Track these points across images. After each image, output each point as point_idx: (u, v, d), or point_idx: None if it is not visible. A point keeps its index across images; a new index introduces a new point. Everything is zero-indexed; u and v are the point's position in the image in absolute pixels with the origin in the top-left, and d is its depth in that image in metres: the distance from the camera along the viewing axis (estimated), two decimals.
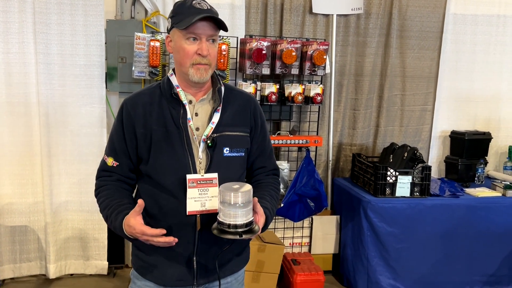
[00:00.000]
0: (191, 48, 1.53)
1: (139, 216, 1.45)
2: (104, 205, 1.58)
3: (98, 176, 1.67)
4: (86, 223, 3.44)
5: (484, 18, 3.85)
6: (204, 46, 1.52)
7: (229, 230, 1.41)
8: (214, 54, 1.57)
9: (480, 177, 3.69)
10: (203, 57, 1.53)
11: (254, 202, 1.48)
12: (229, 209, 1.40)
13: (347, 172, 3.87)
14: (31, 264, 3.44)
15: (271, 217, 1.61)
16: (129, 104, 1.62)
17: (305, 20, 3.57)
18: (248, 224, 1.42)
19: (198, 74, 1.54)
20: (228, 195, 1.39)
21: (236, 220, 1.40)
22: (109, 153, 1.63)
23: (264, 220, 1.53)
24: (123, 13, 3.38)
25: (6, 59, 3.16)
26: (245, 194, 1.41)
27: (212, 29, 1.53)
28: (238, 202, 1.40)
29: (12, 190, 3.31)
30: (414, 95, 3.88)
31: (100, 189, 1.64)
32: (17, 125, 3.25)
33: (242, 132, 1.65)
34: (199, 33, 1.52)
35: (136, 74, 3.20)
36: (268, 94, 3.28)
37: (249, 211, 1.43)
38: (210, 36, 1.54)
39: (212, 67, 1.59)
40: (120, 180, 1.63)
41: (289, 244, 3.70)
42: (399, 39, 3.77)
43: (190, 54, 1.53)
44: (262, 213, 1.52)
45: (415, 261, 3.26)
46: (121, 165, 1.62)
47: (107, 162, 1.63)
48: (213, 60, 1.57)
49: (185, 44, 1.53)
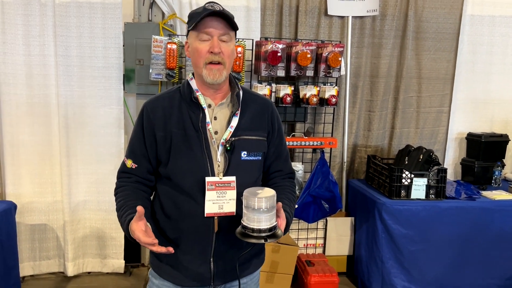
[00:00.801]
0: (204, 47, 1.55)
1: (141, 222, 1.47)
2: (118, 205, 1.61)
3: (118, 177, 1.70)
4: (103, 222, 3.50)
5: (501, 19, 3.82)
6: (215, 43, 1.54)
7: (253, 235, 1.43)
8: (227, 52, 1.57)
9: (497, 180, 3.66)
10: (215, 55, 1.54)
11: (278, 207, 1.50)
12: (253, 214, 1.42)
13: (361, 173, 3.87)
14: (50, 262, 3.52)
15: (291, 220, 1.62)
16: (149, 107, 1.65)
17: (320, 22, 3.58)
18: (272, 228, 1.44)
19: (211, 75, 1.56)
20: (252, 200, 1.41)
21: (260, 224, 1.42)
22: (129, 155, 1.67)
23: (285, 224, 1.55)
24: (141, 16, 3.43)
25: (27, 61, 3.23)
26: (269, 199, 1.43)
27: (223, 27, 1.55)
28: (262, 207, 1.41)
29: (32, 189, 3.39)
30: (430, 96, 3.86)
31: (118, 190, 1.67)
32: (37, 126, 3.32)
33: (260, 136, 1.67)
34: (210, 31, 1.54)
35: (153, 76, 3.24)
36: (283, 96, 3.30)
37: (272, 216, 1.45)
38: (222, 34, 1.56)
39: (227, 67, 1.59)
40: (138, 181, 1.66)
41: (303, 245, 3.71)
42: (415, 40, 3.75)
43: (203, 53, 1.55)
44: (284, 217, 1.54)
45: (430, 263, 3.25)
46: (139, 167, 1.65)
47: (126, 164, 1.67)
48: (227, 59, 1.57)
49: (198, 44, 1.56)
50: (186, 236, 1.61)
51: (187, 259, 1.63)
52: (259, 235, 1.42)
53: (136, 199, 1.61)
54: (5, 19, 3.15)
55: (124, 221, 1.53)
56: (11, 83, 3.23)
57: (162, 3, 3.35)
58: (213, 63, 1.56)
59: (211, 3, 1.57)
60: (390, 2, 3.64)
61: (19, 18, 3.17)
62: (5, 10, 3.14)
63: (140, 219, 1.46)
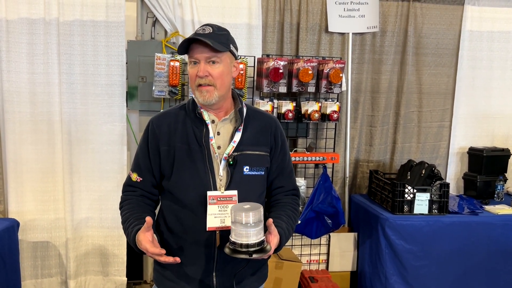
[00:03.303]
0: (193, 72, 1.62)
1: (148, 233, 1.49)
2: (124, 218, 1.63)
3: (123, 191, 1.73)
4: (106, 239, 3.48)
5: (500, 35, 3.85)
6: (201, 68, 1.59)
7: (241, 250, 1.44)
8: (215, 74, 1.60)
9: (500, 194, 3.65)
10: (202, 78, 1.59)
11: (269, 223, 1.51)
12: (241, 229, 1.44)
13: (364, 188, 3.86)
14: (52, 279, 3.49)
15: (285, 237, 1.62)
16: (155, 122, 1.69)
17: (321, 39, 3.62)
18: (260, 243, 1.45)
19: (201, 97, 1.61)
20: (239, 215, 1.43)
21: (248, 239, 1.44)
22: (134, 168, 1.69)
23: (277, 240, 1.55)
24: (144, 34, 3.48)
25: (31, 79, 3.26)
26: (256, 214, 1.44)
27: (209, 51, 1.58)
28: (250, 222, 1.43)
29: (35, 207, 3.38)
30: (431, 111, 3.88)
31: (123, 203, 1.69)
32: (40, 143, 3.34)
33: (262, 152, 1.68)
34: (196, 56, 1.60)
35: (156, 93, 3.27)
36: (285, 111, 3.32)
37: (260, 230, 1.46)
38: (208, 58, 1.59)
39: (218, 87, 1.61)
40: (143, 195, 1.69)
41: (307, 261, 3.69)
42: (415, 56, 3.79)
43: (193, 77, 1.62)
44: (276, 233, 1.54)
45: (434, 279, 3.22)
46: (144, 180, 1.67)
47: (131, 177, 1.69)
48: (216, 80, 1.60)
49: (189, 68, 1.63)
50: (188, 250, 1.62)
51: (190, 273, 1.63)
52: (247, 250, 1.43)
53: (142, 211, 1.63)
54: (9, 37, 3.19)
55: (130, 232, 1.55)
56: (15, 101, 3.26)
57: (165, 21, 3.40)
58: (202, 85, 1.60)
59: (204, 26, 1.61)
60: (390, 18, 3.69)
61: (24, 37, 3.21)
62: (10, 29, 3.19)
63: (148, 230, 1.49)
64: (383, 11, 3.68)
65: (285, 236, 1.61)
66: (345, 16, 3.60)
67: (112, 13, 3.27)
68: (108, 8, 3.27)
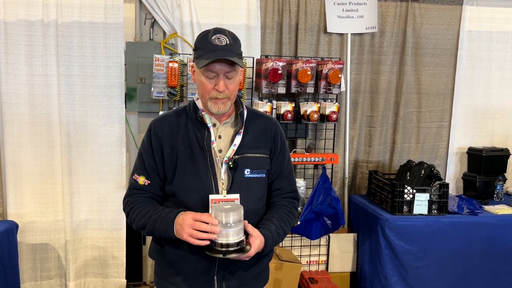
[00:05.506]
0: (209, 84, 1.58)
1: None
2: (144, 211, 1.62)
3: (130, 194, 1.70)
4: (105, 241, 3.48)
5: (499, 35, 3.86)
6: (221, 83, 1.57)
7: (221, 250, 1.47)
8: (232, 88, 1.60)
9: (499, 194, 3.66)
10: (220, 93, 1.58)
11: (245, 224, 1.53)
12: (221, 228, 1.46)
13: (363, 189, 3.86)
14: (51, 281, 3.49)
15: (273, 239, 1.62)
16: (156, 125, 1.68)
17: (319, 40, 3.62)
18: (239, 243, 1.48)
19: (216, 107, 1.60)
20: (219, 215, 1.46)
21: (228, 239, 1.46)
22: (140, 172, 1.68)
23: (260, 242, 1.55)
24: (142, 35, 3.47)
25: (30, 81, 3.26)
26: (236, 213, 1.47)
27: (229, 66, 1.57)
28: (230, 222, 1.45)
29: (34, 209, 3.37)
30: (430, 111, 3.88)
31: (133, 203, 1.66)
32: (39, 145, 3.33)
33: (263, 154, 1.68)
34: (216, 70, 1.57)
35: (155, 94, 3.27)
36: (283, 112, 3.32)
37: (239, 230, 1.49)
38: (227, 72, 1.58)
39: (232, 98, 1.62)
40: (152, 197, 1.68)
41: (306, 262, 3.69)
42: (414, 56, 3.79)
43: (208, 89, 1.59)
44: (258, 235, 1.55)
45: (434, 279, 3.22)
46: (152, 183, 1.67)
47: (138, 181, 1.67)
48: (231, 93, 1.61)
49: (204, 79, 1.59)
50: (190, 254, 1.61)
51: (192, 276, 1.63)
52: (227, 250, 1.47)
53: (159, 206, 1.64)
54: (8, 39, 3.19)
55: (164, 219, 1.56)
56: (14, 103, 3.25)
57: (163, 23, 3.39)
58: (219, 98, 1.59)
59: (218, 35, 1.56)
60: (389, 19, 3.69)
61: (22, 39, 3.20)
62: (8, 31, 3.18)
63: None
64: (381, 11, 3.68)
65: (272, 239, 1.61)
66: (344, 16, 3.60)
67: (110, 15, 3.26)
68: (106, 10, 3.26)
